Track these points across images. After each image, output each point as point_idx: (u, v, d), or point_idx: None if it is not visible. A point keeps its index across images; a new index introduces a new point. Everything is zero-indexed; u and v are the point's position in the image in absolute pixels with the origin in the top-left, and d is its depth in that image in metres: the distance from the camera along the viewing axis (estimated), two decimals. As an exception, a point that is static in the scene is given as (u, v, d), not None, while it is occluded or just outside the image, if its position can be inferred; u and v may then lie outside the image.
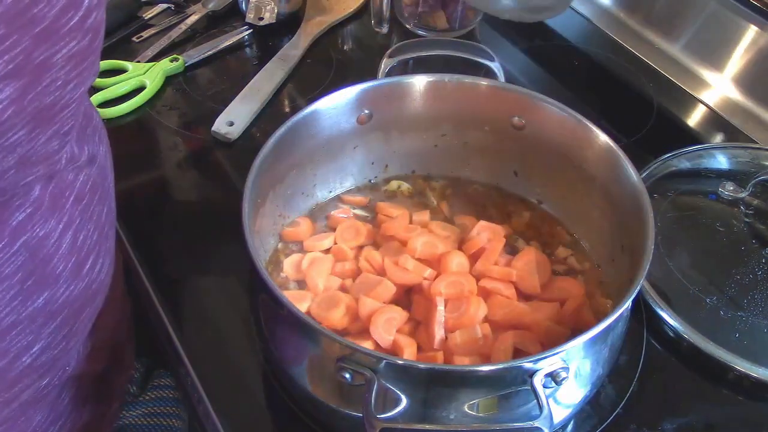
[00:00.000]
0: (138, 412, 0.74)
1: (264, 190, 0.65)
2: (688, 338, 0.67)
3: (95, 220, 0.58)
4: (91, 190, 0.57)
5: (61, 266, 0.55)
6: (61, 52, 0.46)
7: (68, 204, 0.54)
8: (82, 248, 0.57)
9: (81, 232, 0.56)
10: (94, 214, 0.58)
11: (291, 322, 0.55)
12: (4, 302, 0.51)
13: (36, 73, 0.45)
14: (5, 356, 0.54)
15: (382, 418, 0.49)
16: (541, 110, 0.70)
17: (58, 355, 0.59)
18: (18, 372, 0.56)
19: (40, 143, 0.49)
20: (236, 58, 1.02)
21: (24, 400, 0.58)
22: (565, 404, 0.56)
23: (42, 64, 0.45)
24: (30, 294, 0.53)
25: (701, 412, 0.64)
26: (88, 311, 0.61)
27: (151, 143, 0.90)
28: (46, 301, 0.54)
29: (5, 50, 0.42)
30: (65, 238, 0.54)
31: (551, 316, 0.63)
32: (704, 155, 0.85)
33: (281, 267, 0.69)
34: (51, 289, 0.54)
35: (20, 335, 0.54)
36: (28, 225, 0.51)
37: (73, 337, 0.60)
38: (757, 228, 0.77)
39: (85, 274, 0.58)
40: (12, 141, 0.46)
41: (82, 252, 0.57)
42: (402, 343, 0.59)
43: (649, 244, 0.57)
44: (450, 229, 0.72)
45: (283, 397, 0.63)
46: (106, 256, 0.61)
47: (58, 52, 0.46)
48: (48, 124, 0.48)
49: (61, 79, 0.47)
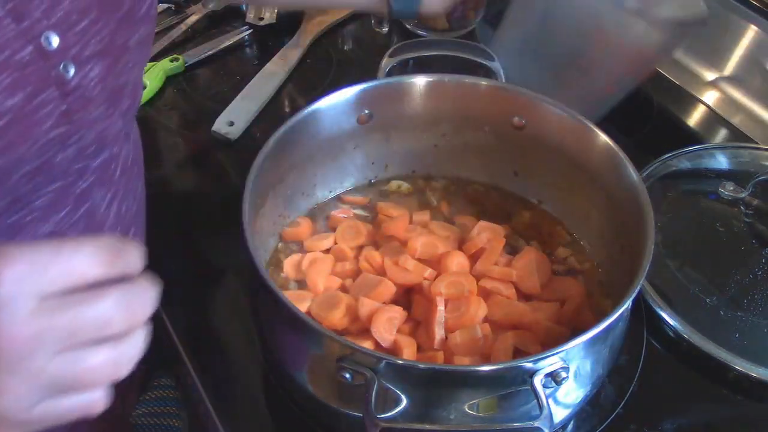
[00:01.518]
0: (138, 412, 0.74)
1: (264, 190, 0.65)
2: (688, 338, 0.67)
3: (133, 193, 0.61)
4: (132, 164, 0.61)
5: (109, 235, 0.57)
6: (134, 36, 0.51)
7: (116, 175, 0.58)
8: (124, 218, 0.60)
9: (124, 203, 0.59)
10: (133, 187, 0.61)
11: (291, 323, 0.55)
12: None
13: (117, 55, 0.50)
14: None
15: (382, 418, 0.49)
16: (541, 110, 0.70)
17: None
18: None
19: (112, 121, 0.53)
20: (236, 58, 1.02)
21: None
22: (565, 404, 0.56)
23: (122, 47, 0.50)
24: None
25: (701, 412, 0.64)
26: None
27: (151, 143, 0.90)
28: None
29: (97, 31, 0.47)
30: (112, 208, 0.58)
31: (551, 316, 0.63)
32: (704, 155, 0.85)
33: (281, 267, 0.69)
34: None
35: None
36: (89, 193, 0.54)
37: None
38: (757, 228, 0.77)
39: None
40: (94, 116, 0.50)
41: (124, 222, 0.60)
42: (402, 343, 0.59)
43: (649, 244, 0.57)
44: (450, 229, 0.72)
45: (283, 397, 0.63)
46: (141, 232, 0.65)
47: (132, 37, 0.51)
48: (118, 103, 0.53)
49: (132, 61, 0.52)
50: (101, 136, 0.52)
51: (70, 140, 0.50)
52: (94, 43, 0.47)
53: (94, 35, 0.47)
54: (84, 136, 0.50)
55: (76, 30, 0.46)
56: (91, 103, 0.49)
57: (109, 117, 0.52)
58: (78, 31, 0.46)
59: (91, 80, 0.48)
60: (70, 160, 0.51)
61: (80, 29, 0.46)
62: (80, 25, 0.46)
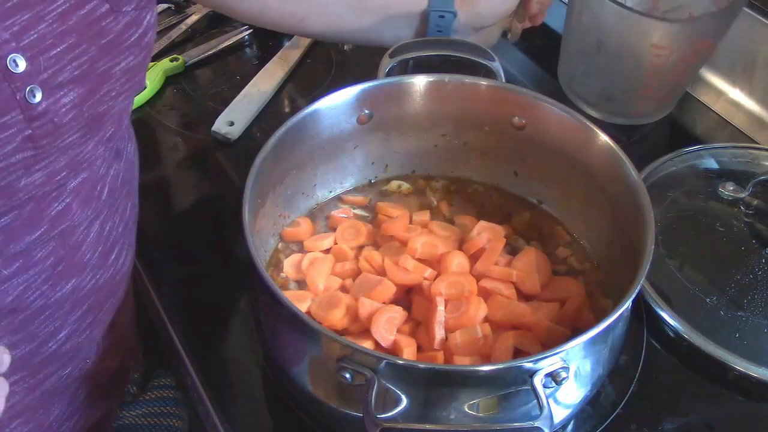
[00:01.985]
0: (138, 412, 0.74)
1: (264, 190, 0.65)
2: (688, 338, 0.67)
3: (121, 212, 0.60)
4: (122, 184, 0.59)
5: (89, 254, 0.57)
6: (120, 64, 0.49)
7: (102, 196, 0.56)
8: (108, 238, 0.59)
9: (108, 223, 0.58)
10: (120, 207, 0.60)
11: (291, 322, 0.55)
12: (36, 285, 0.53)
13: (97, 82, 0.48)
14: (33, 340, 0.55)
15: (382, 418, 0.49)
16: (541, 110, 0.70)
17: (82, 344, 0.60)
18: (44, 357, 0.57)
19: (89, 149, 0.51)
20: (236, 58, 1.02)
21: (46, 389, 0.60)
22: (565, 404, 0.56)
23: (103, 74, 0.48)
24: (59, 279, 0.54)
25: (701, 412, 0.64)
26: (111, 301, 0.63)
27: (151, 143, 0.90)
28: (74, 288, 0.56)
29: (74, 58, 0.46)
30: (93, 228, 0.56)
31: (551, 316, 0.63)
32: (704, 155, 0.85)
33: (281, 267, 0.69)
34: (78, 276, 0.56)
35: (48, 320, 0.55)
36: (67, 214, 0.53)
37: (96, 327, 0.62)
38: (757, 228, 0.77)
39: (110, 264, 0.60)
40: (66, 143, 0.49)
41: (108, 242, 0.59)
42: (402, 343, 0.59)
43: (649, 244, 0.57)
44: (450, 229, 0.72)
45: (283, 397, 0.63)
46: (129, 249, 0.63)
47: (117, 65, 0.49)
48: (97, 131, 0.51)
49: (116, 90, 0.50)
50: (74, 162, 0.51)
51: (37, 166, 0.48)
52: (70, 69, 0.46)
53: (70, 61, 0.46)
54: (54, 162, 0.49)
55: (49, 55, 0.44)
56: (61, 130, 0.47)
57: (84, 144, 0.51)
58: (52, 56, 0.44)
59: (62, 107, 0.46)
60: (37, 186, 0.49)
61: (54, 54, 0.45)
62: (55, 50, 0.45)
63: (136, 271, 0.75)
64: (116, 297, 0.63)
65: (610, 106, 0.90)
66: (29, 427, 0.61)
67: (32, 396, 0.59)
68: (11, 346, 0.39)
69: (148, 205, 0.80)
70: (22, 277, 0.52)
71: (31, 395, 0.59)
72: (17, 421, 0.59)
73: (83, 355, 0.62)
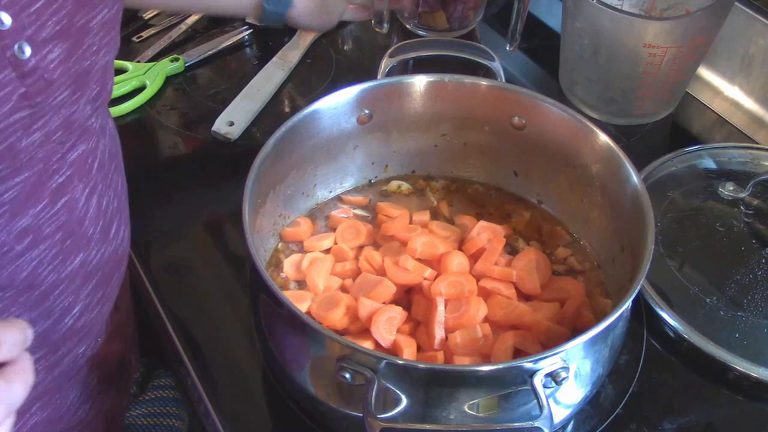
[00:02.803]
0: (138, 412, 0.74)
1: (264, 190, 0.65)
2: (688, 338, 0.67)
3: (113, 187, 0.61)
4: (109, 157, 0.60)
5: (92, 229, 0.58)
6: (96, 18, 0.51)
7: (93, 170, 0.57)
8: (106, 213, 0.60)
9: (104, 197, 0.59)
10: (112, 182, 0.61)
11: (291, 322, 0.55)
12: (47, 260, 0.54)
13: (78, 36, 0.49)
14: (50, 316, 0.57)
15: (382, 418, 0.49)
16: (541, 110, 0.70)
17: (95, 320, 0.62)
18: (61, 334, 0.59)
19: (80, 107, 0.52)
20: (236, 58, 1.02)
21: (63, 369, 0.61)
22: (565, 404, 0.56)
23: (82, 28, 0.49)
24: (68, 253, 0.56)
25: (701, 412, 0.64)
26: (116, 276, 0.64)
27: (151, 143, 0.90)
28: (82, 262, 0.57)
29: (53, 12, 0.47)
30: (92, 202, 0.57)
31: (551, 316, 0.63)
32: (704, 155, 0.85)
33: (281, 267, 0.69)
34: (85, 251, 0.57)
35: (62, 295, 0.57)
36: (67, 187, 0.54)
37: (105, 303, 0.63)
38: (757, 228, 0.77)
39: (111, 238, 0.61)
40: (58, 100, 0.50)
41: (107, 216, 0.60)
42: (402, 343, 0.59)
43: (649, 244, 0.57)
44: (450, 229, 0.72)
45: (283, 397, 0.63)
46: (125, 224, 0.64)
47: (93, 18, 0.50)
48: (85, 88, 0.52)
49: (96, 44, 0.52)
50: (68, 122, 0.52)
51: (35, 125, 0.49)
52: (52, 24, 0.47)
53: (50, 16, 0.46)
54: (49, 122, 0.50)
55: (30, 10, 0.45)
56: (53, 87, 0.49)
57: (75, 103, 0.52)
58: (33, 11, 0.45)
59: (50, 62, 0.47)
60: (36, 146, 0.50)
61: (35, 9, 0.45)
62: (35, 5, 0.45)
63: (136, 271, 0.75)
64: (120, 272, 0.65)
65: (612, 109, 0.90)
66: (48, 411, 0.62)
67: (51, 376, 0.60)
68: (31, 323, 0.40)
69: (148, 205, 0.80)
70: (35, 252, 0.53)
71: (50, 375, 0.60)
72: (37, 405, 0.61)
73: (95, 333, 0.63)
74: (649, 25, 0.80)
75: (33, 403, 0.60)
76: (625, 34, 0.82)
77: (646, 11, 0.90)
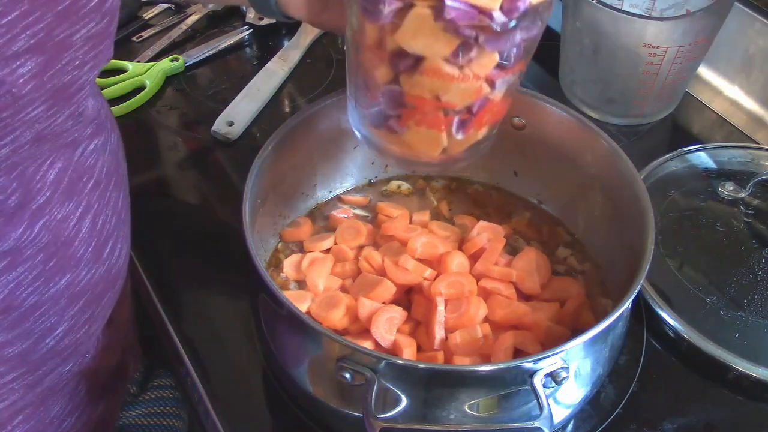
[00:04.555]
0: (138, 412, 0.74)
1: (264, 190, 0.65)
2: (688, 338, 0.67)
3: (112, 205, 0.59)
4: (107, 175, 0.58)
5: (82, 249, 0.56)
6: (80, 32, 0.47)
7: (86, 189, 0.55)
8: (101, 232, 0.58)
9: (99, 216, 0.57)
10: (111, 199, 0.59)
11: (291, 322, 0.55)
12: (27, 282, 0.52)
13: (56, 51, 0.47)
14: (29, 337, 0.55)
15: (382, 418, 0.49)
16: (541, 110, 0.70)
17: (81, 339, 0.60)
18: (42, 354, 0.57)
19: (58, 122, 0.50)
20: (236, 58, 1.02)
21: (46, 386, 0.59)
22: (565, 404, 0.56)
23: (62, 42, 0.47)
24: (52, 275, 0.54)
25: (701, 412, 0.64)
26: (109, 295, 0.62)
27: (151, 143, 0.90)
28: (69, 284, 0.55)
29: (28, 25, 0.44)
30: (84, 222, 0.55)
31: (551, 316, 0.63)
32: (704, 155, 0.85)
33: (281, 267, 0.69)
34: (73, 272, 0.56)
35: (43, 317, 0.55)
36: (46, 208, 0.52)
37: (95, 322, 0.61)
38: (757, 228, 0.77)
39: (105, 258, 0.59)
40: (31, 116, 0.47)
41: (101, 236, 0.58)
42: (402, 343, 0.59)
43: (649, 244, 0.57)
44: (450, 229, 0.72)
45: (283, 397, 0.63)
46: (124, 242, 0.62)
47: (77, 32, 0.47)
48: (66, 104, 0.50)
49: (79, 59, 0.49)
50: (42, 137, 0.49)
51: (3, 140, 0.46)
52: (25, 38, 0.44)
53: (24, 29, 0.44)
54: (19, 138, 0.47)
55: (1, 23, 0.42)
56: (22, 102, 0.46)
57: (52, 118, 0.49)
58: (3, 24, 0.42)
59: (19, 77, 0.45)
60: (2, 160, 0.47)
61: (6, 22, 0.43)
62: (6, 17, 0.43)
63: (136, 271, 0.75)
64: (114, 291, 0.63)
65: (612, 109, 0.90)
66: (30, 424, 0.61)
67: (32, 393, 0.59)
68: (7, 344, 0.38)
69: (147, 205, 0.80)
70: (11, 275, 0.51)
71: (31, 393, 0.59)
72: (18, 419, 0.59)
73: (83, 351, 0.62)
74: (649, 25, 0.80)
75: (14, 417, 0.58)
76: (625, 34, 0.82)
77: (646, 11, 0.90)
